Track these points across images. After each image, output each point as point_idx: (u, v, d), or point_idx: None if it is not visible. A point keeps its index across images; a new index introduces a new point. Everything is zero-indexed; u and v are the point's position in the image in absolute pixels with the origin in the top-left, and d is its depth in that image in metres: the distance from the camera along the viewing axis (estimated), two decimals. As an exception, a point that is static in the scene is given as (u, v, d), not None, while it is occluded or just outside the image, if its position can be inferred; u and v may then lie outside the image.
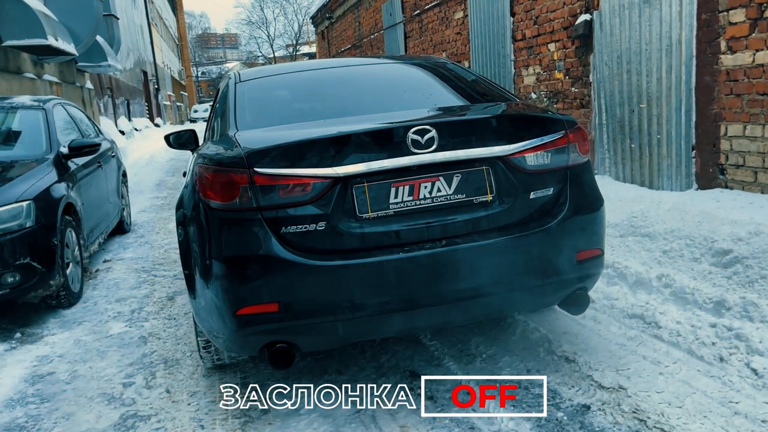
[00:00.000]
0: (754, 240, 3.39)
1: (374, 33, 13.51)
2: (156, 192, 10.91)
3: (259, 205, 2.47)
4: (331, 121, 2.80)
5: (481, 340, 3.38)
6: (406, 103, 3.13)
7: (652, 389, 2.72)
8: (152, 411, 2.95)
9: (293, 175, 2.47)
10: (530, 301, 2.78)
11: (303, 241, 2.48)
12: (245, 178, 2.46)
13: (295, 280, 2.46)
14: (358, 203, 2.51)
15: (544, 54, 6.53)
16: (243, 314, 2.49)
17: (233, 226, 2.51)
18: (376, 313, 2.51)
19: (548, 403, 2.70)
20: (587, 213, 2.79)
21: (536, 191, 2.69)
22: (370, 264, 2.48)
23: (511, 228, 2.64)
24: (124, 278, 5.34)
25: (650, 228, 4.06)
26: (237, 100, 3.19)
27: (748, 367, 2.75)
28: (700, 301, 3.29)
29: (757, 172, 4.09)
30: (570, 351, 3.13)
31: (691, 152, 4.64)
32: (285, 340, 2.54)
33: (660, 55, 4.82)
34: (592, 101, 5.75)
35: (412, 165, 2.53)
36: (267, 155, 2.49)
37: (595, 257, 2.81)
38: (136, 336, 3.93)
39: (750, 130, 4.08)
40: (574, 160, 2.78)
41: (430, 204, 2.57)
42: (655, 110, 4.95)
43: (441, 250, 2.53)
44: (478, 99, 3.24)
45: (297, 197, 2.48)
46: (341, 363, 3.25)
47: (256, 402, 2.91)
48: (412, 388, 2.94)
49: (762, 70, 3.93)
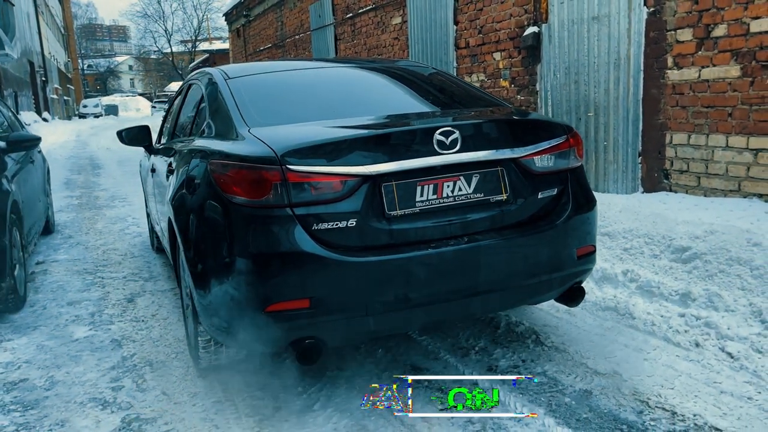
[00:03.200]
0: (710, 238, 3.76)
1: (300, 33, 13.44)
2: (67, 191, 10.28)
3: (291, 202, 2.47)
4: (349, 120, 2.84)
5: (468, 334, 3.52)
6: (414, 105, 3.23)
7: (643, 374, 2.96)
8: (155, 413, 2.86)
9: (325, 172, 2.49)
10: (538, 294, 2.95)
11: (334, 238, 2.51)
12: (277, 175, 2.46)
13: (327, 276, 2.48)
14: (387, 201, 2.57)
15: (488, 62, 6.82)
16: (273, 311, 2.48)
17: (263, 223, 2.49)
18: (404, 307, 2.58)
19: (552, 390, 2.88)
20: (585, 212, 3.00)
21: (543, 191, 2.87)
22: (400, 260, 2.54)
23: (523, 225, 2.80)
24: (68, 280, 5.05)
25: (609, 228, 4.38)
26: (235, 97, 3.15)
27: (723, 351, 3.06)
28: (666, 293, 3.61)
29: (700, 177, 4.52)
30: (558, 341, 3.34)
31: (638, 158, 5.04)
32: (314, 335, 2.56)
33: (608, 68, 5.21)
34: (539, 108, 6.08)
35: (438, 165, 2.62)
36: (299, 152, 2.50)
37: (590, 253, 3.03)
38: (107, 339, 3.75)
39: (694, 139, 4.51)
40: (573, 162, 2.99)
41: (452, 202, 2.67)
42: (603, 119, 5.33)
43: (464, 246, 2.64)
44: (479, 103, 3.38)
45: (328, 194, 2.50)
46: (339, 360, 3.28)
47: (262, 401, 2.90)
48: (418, 381, 3.03)
49: (707, 85, 4.36)
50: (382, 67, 3.83)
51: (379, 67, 3.82)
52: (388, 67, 3.84)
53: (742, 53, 4.09)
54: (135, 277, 5.08)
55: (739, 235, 3.66)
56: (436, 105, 3.32)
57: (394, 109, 3.11)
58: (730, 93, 4.20)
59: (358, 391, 2.95)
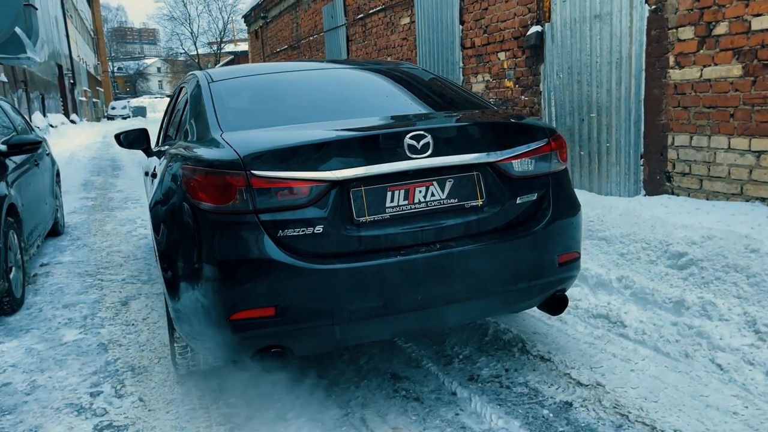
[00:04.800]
0: (707, 243, 3.62)
1: (314, 35, 13.45)
2: (84, 192, 10.42)
3: (255, 208, 2.43)
4: (323, 124, 2.79)
5: (454, 341, 3.45)
6: (391, 108, 3.16)
7: (627, 385, 2.86)
8: (128, 420, 2.84)
9: (291, 178, 2.44)
10: (517, 302, 2.87)
11: (300, 245, 2.46)
12: (242, 181, 2.42)
13: (293, 283, 2.44)
14: (356, 207, 2.51)
15: (493, 62, 6.72)
16: (238, 319, 2.44)
17: (228, 229, 2.46)
18: (373, 316, 2.52)
19: (532, 401, 2.80)
20: (567, 217, 2.91)
21: (522, 196, 2.78)
22: (368, 267, 2.49)
23: (500, 232, 2.72)
24: (68, 283, 5.09)
25: (606, 232, 4.27)
26: (215, 101, 3.12)
27: (713, 362, 2.94)
28: (660, 301, 3.49)
29: (702, 180, 4.38)
30: (544, 350, 3.25)
31: (640, 160, 4.91)
32: (280, 344, 2.51)
33: (610, 67, 5.08)
34: (543, 110, 5.97)
35: (409, 170, 2.56)
36: (264, 158, 2.46)
37: (573, 260, 2.94)
38: (95, 343, 3.76)
39: (696, 140, 4.37)
40: (555, 166, 2.89)
41: (424, 208, 2.61)
42: (605, 120, 5.20)
43: (437, 253, 2.57)
44: (459, 106, 3.31)
45: (294, 200, 2.45)
46: (320, 368, 3.23)
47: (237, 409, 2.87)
48: (396, 389, 2.97)
49: (709, 85, 4.22)
50: (368, 70, 3.77)
51: (364, 70, 3.76)
52: (375, 69, 3.78)
53: (744, 52, 3.94)
54: (134, 279, 5.09)
55: (737, 241, 3.53)
56: (419, 108, 3.25)
57: (374, 113, 3.04)
58: (732, 93, 4.05)
59: (334, 400, 2.91)
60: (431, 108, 3.29)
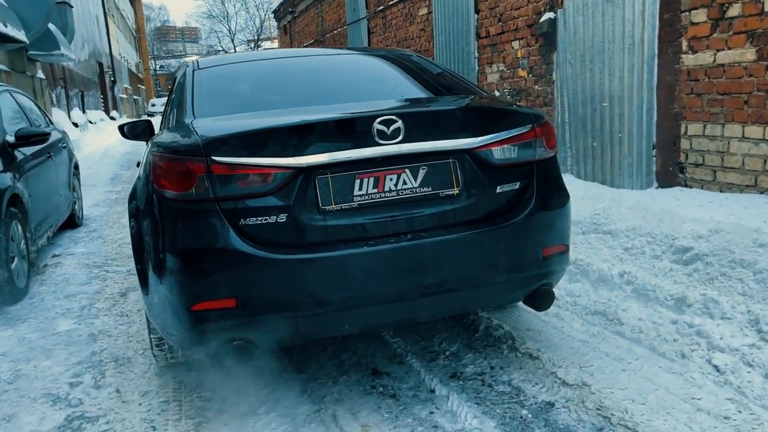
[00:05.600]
0: (714, 237, 3.42)
1: (337, 28, 13.39)
2: (110, 186, 10.57)
3: (216, 196, 2.36)
4: (294, 110, 2.70)
5: (444, 336, 3.33)
6: (371, 94, 3.05)
7: (616, 386, 2.70)
8: (100, 412, 2.81)
9: (253, 164, 2.36)
10: (495, 297, 2.74)
11: (263, 234, 2.38)
12: (202, 167, 2.35)
13: (254, 274, 2.36)
14: (321, 195, 2.42)
15: (508, 51, 6.53)
16: (198, 310, 2.38)
17: (189, 218, 2.39)
18: (338, 309, 2.43)
19: (512, 401, 2.66)
20: (553, 208, 2.76)
21: (503, 185, 2.65)
22: (333, 258, 2.39)
23: (477, 222, 2.59)
24: (75, 273, 5.13)
25: (612, 225, 4.08)
26: (195, 88, 3.07)
27: (710, 363, 2.76)
28: (662, 297, 3.30)
29: (716, 171, 4.15)
30: (533, 348, 3.10)
31: (652, 151, 4.68)
32: (242, 337, 2.43)
33: (623, 54, 4.86)
34: (555, 99, 5.77)
35: (378, 156, 2.45)
36: (225, 143, 2.38)
37: (560, 253, 2.78)
38: (85, 333, 3.75)
39: (710, 129, 4.13)
40: (540, 154, 2.75)
41: (395, 197, 2.50)
42: (617, 109, 4.99)
43: (406, 244, 2.46)
44: (444, 92, 3.19)
45: (257, 188, 2.37)
46: (302, 361, 3.15)
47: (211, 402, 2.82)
48: (374, 386, 2.87)
49: (722, 70, 3.98)
50: (358, 56, 3.67)
51: (354, 56, 3.66)
52: (364, 55, 3.67)
53: (758, 34, 3.70)
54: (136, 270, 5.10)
55: (745, 235, 3.31)
56: (403, 93, 3.13)
57: (354, 99, 2.94)
58: (746, 78, 3.81)
59: (308, 396, 2.83)
60: (416, 93, 3.16)
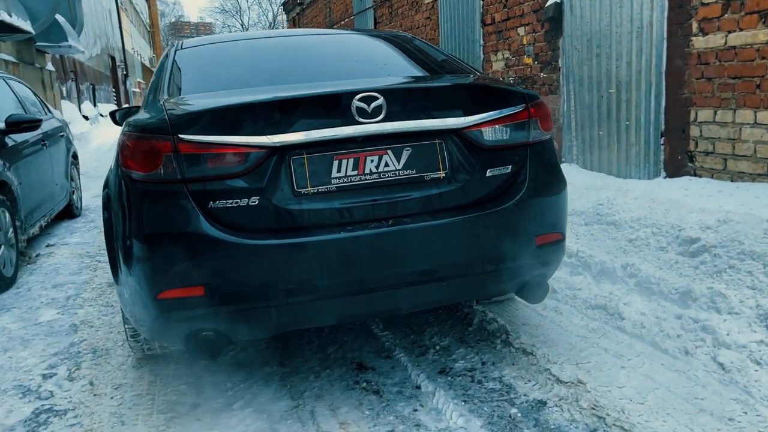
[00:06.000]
0: (722, 228, 3.22)
1: (344, 19, 13.22)
2: (114, 177, 10.47)
3: (184, 177, 2.21)
4: (272, 88, 2.55)
5: (435, 330, 3.17)
6: (357, 73, 2.89)
7: (613, 384, 2.53)
8: (70, 405, 2.68)
9: (223, 143, 2.21)
10: (484, 287, 2.57)
11: (233, 218, 2.23)
12: (169, 146, 2.20)
13: (224, 260, 2.21)
14: (297, 177, 2.27)
15: (513, 38, 6.34)
16: (165, 298, 2.24)
17: (155, 200, 2.25)
18: (314, 299, 2.28)
19: (502, 398, 2.50)
20: (548, 195, 2.59)
21: (493, 169, 2.48)
22: (308, 244, 2.24)
23: (465, 208, 2.43)
24: (66, 263, 5.03)
25: (616, 216, 3.89)
26: (173, 67, 2.93)
27: (715, 361, 2.57)
28: (666, 291, 3.12)
29: (726, 160, 3.94)
30: (528, 343, 2.93)
31: (660, 139, 4.48)
32: (212, 328, 2.29)
33: (630, 37, 4.65)
34: (561, 87, 5.57)
35: (357, 136, 2.29)
36: (194, 121, 2.24)
37: (555, 242, 2.61)
38: (67, 324, 3.63)
39: (721, 115, 3.93)
40: (535, 136, 2.57)
41: (376, 179, 2.34)
42: (625, 95, 4.78)
43: (387, 229, 2.30)
44: (436, 72, 3.01)
45: (227, 168, 2.23)
46: (285, 354, 3.01)
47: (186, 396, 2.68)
48: (357, 381, 2.72)
49: (734, 53, 3.77)
50: (349, 36, 3.51)
51: (344, 36, 3.50)
52: (353, 35, 3.51)
53: (772, 13, 3.49)
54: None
55: (756, 225, 3.11)
56: (389, 72, 2.96)
57: (339, 77, 2.77)
58: (759, 61, 3.59)
59: (288, 391, 2.68)
60: (405, 72, 2.99)
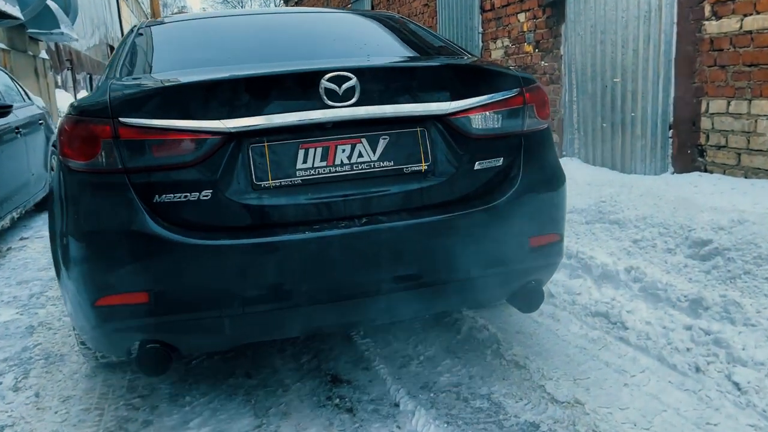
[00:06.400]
0: (737, 229, 2.93)
1: (342, 7, 12.90)
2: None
3: (125, 167, 1.93)
4: (235, 67, 2.25)
5: (420, 338, 2.89)
6: (335, 52, 2.60)
7: (615, 405, 2.25)
8: (9, 420, 2.40)
9: (171, 128, 1.92)
10: (471, 296, 2.28)
11: (182, 215, 1.95)
12: (107, 131, 1.92)
13: (171, 263, 1.93)
14: (256, 168, 1.98)
15: (513, 25, 6.04)
16: (104, 305, 1.96)
17: (93, 193, 1.97)
18: (273, 308, 1.99)
19: (489, 420, 2.22)
20: (544, 191, 2.30)
21: (482, 161, 2.19)
22: (268, 245, 1.96)
23: (449, 205, 2.14)
24: (36, 258, 4.75)
25: (620, 214, 3.60)
26: (131, 47, 2.64)
27: (729, 379, 2.29)
28: (674, 298, 2.84)
29: (740, 154, 3.65)
30: (521, 354, 2.65)
31: (668, 132, 4.19)
32: (158, 339, 2.01)
33: (637, 23, 4.35)
34: (562, 76, 5.28)
35: (326, 121, 2.01)
36: (138, 102, 1.95)
37: (552, 244, 2.33)
38: (24, 325, 3.36)
39: (735, 106, 3.63)
40: (530, 125, 2.28)
41: (348, 172, 2.06)
42: (630, 85, 4.49)
43: (360, 229, 2.02)
44: (423, 53, 2.72)
45: (176, 157, 1.94)
46: (253, 364, 2.73)
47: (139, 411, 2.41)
48: (330, 396, 2.44)
49: (750, 38, 3.47)
50: (332, 14, 3.21)
51: (327, 14, 3.20)
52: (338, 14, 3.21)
53: (794, -7, 3.20)
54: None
55: (774, 227, 2.83)
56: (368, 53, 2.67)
57: (312, 57, 2.48)
58: (778, 46, 3.31)
59: (252, 407, 2.40)
60: (387, 52, 2.70)
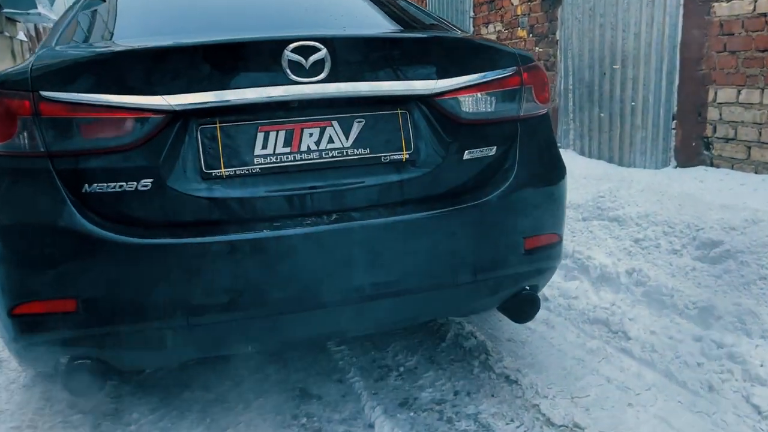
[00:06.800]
0: (751, 229, 2.68)
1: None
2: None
3: (48, 150, 1.62)
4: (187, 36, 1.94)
5: (401, 345, 2.62)
6: (305, 23, 2.28)
7: (619, 429, 1.98)
8: (-76, 441, 2.10)
9: (102, 104, 1.62)
10: (458, 303, 2.01)
11: (117, 208, 1.65)
12: (26, 107, 1.61)
13: (102, 265, 1.64)
14: (206, 153, 1.68)
15: (506, 8, 5.76)
16: (23, 314, 1.65)
17: (10, 182, 1.66)
18: (225, 319, 1.70)
19: (477, 447, 1.95)
20: (542, 185, 2.03)
21: (472, 150, 1.91)
22: (219, 245, 1.67)
23: (434, 200, 1.86)
24: None
25: (620, 211, 3.33)
26: (77, 12, 2.32)
27: (748, 401, 2.03)
28: (681, 305, 2.58)
29: (750, 148, 3.39)
30: (512, 367, 2.38)
31: (671, 122, 3.93)
32: (88, 355, 1.70)
33: (640, 4, 4.09)
34: (558, 63, 5.01)
35: (291, 100, 1.71)
36: (62, 74, 1.64)
37: (549, 245, 2.06)
38: (-35, 325, 3.04)
39: (746, 95, 3.37)
40: (527, 110, 2.00)
41: (316, 160, 1.76)
42: (631, 72, 4.22)
43: (329, 227, 1.73)
44: (408, 26, 2.41)
45: (108, 140, 1.64)
46: (214, 375, 2.43)
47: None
48: (296, 415, 2.16)
49: (765, 21, 3.22)
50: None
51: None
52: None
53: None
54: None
55: (793, 228, 2.57)
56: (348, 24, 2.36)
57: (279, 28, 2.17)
58: (796, 29, 3.05)
59: (206, 426, 2.11)
60: (367, 24, 2.39)
